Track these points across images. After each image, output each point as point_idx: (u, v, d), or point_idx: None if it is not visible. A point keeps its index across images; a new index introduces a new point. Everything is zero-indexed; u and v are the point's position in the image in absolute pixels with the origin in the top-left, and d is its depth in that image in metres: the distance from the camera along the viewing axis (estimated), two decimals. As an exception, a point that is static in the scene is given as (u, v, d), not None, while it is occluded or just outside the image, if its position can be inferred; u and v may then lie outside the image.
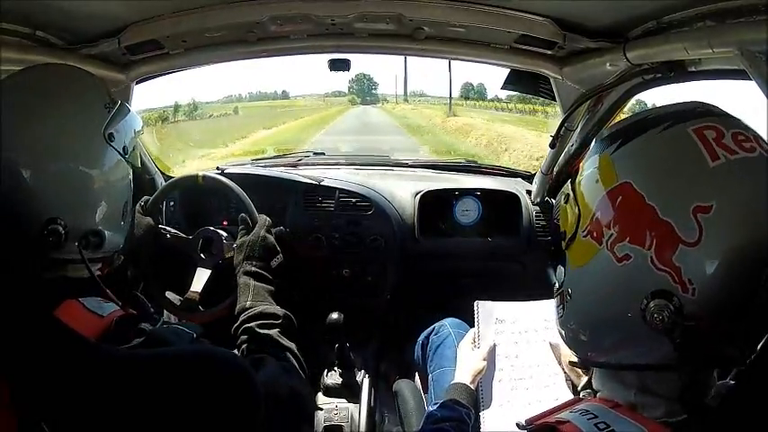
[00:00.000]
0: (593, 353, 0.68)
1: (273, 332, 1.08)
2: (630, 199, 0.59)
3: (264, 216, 1.36)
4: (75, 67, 0.97)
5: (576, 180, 0.69)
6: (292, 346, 1.08)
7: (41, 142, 0.79)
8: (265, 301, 1.16)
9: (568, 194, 0.69)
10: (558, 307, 0.72)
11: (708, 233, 0.55)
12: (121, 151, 0.89)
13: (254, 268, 1.22)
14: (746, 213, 0.55)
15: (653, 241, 0.57)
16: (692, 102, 0.65)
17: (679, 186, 0.57)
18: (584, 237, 0.64)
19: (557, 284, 0.72)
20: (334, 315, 1.39)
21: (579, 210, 0.66)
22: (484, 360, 1.13)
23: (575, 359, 0.74)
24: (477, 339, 1.18)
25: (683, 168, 0.58)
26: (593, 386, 0.72)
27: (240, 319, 1.12)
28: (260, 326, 1.09)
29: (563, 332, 0.72)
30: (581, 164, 0.69)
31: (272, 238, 1.30)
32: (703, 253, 0.55)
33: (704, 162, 0.57)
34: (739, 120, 0.62)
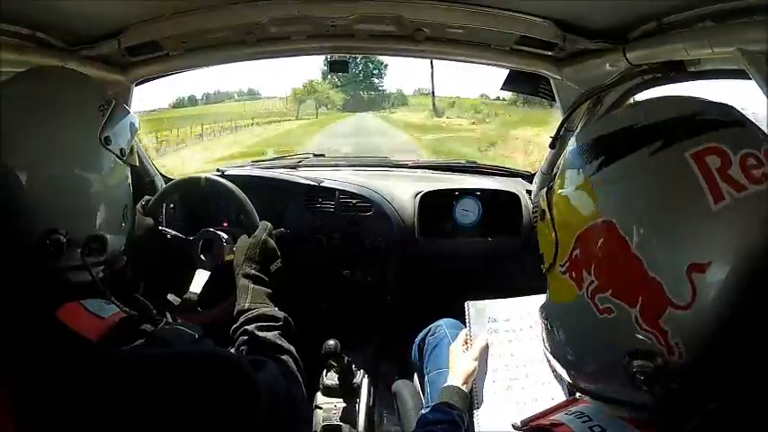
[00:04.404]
0: (576, 374, 0.64)
1: (273, 334, 1.07)
2: (613, 244, 0.51)
3: (266, 222, 1.36)
4: (67, 71, 0.95)
5: (553, 194, 0.61)
6: (291, 348, 1.07)
7: (37, 151, 0.78)
8: (264, 304, 1.16)
9: (544, 211, 0.62)
10: (541, 326, 0.69)
11: (701, 295, 0.48)
12: (119, 153, 0.88)
13: (252, 271, 1.22)
14: (748, 267, 0.47)
15: (638, 299, 0.50)
16: (692, 102, 0.56)
17: (672, 238, 0.49)
18: (563, 273, 0.58)
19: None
20: (331, 342, 1.37)
21: (556, 239, 0.59)
22: (475, 361, 1.12)
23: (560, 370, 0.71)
24: (469, 340, 1.17)
25: (679, 214, 0.49)
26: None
27: (239, 320, 1.12)
28: (259, 328, 1.08)
29: (549, 349, 0.68)
30: (558, 171, 0.62)
31: (272, 243, 1.30)
32: (694, 316, 0.48)
33: (705, 206, 0.48)
34: (748, 129, 0.53)
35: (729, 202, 0.48)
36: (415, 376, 1.46)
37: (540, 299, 1.14)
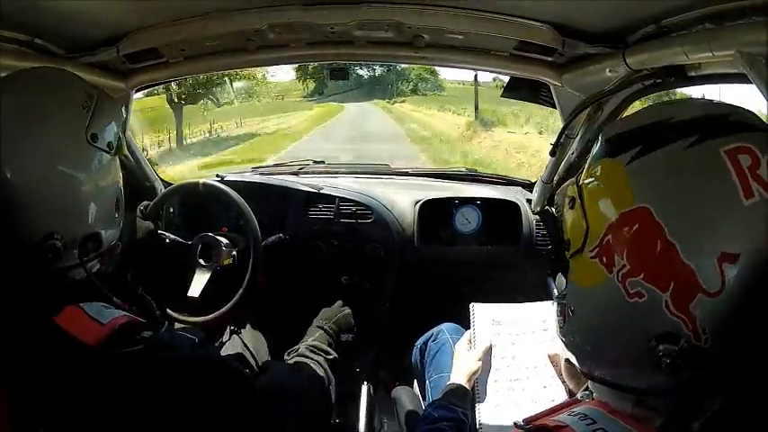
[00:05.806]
0: (592, 364, 0.65)
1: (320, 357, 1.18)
2: (649, 230, 0.53)
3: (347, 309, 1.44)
4: (48, 72, 0.93)
5: (583, 183, 0.62)
6: (326, 366, 1.18)
7: (26, 157, 0.77)
8: (323, 344, 1.25)
9: (574, 199, 0.63)
10: (558, 317, 0.69)
11: (731, 284, 0.50)
12: (107, 148, 0.86)
13: (326, 326, 1.32)
14: None
15: (670, 284, 0.52)
16: (720, 105, 0.58)
17: (707, 227, 0.51)
18: (592, 258, 0.59)
19: (555, 292, 0.71)
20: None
21: (587, 224, 0.60)
22: (479, 360, 1.13)
23: (574, 361, 0.71)
24: (473, 341, 1.18)
25: (714, 204, 0.51)
26: (591, 391, 0.69)
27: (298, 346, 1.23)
28: (309, 349, 1.20)
29: (564, 339, 0.69)
30: (588, 162, 0.63)
31: (350, 319, 1.41)
32: (723, 304, 0.51)
33: (737, 199, 0.51)
34: None
35: (758, 200, 0.51)
36: (415, 382, 1.45)
37: (545, 305, 1.13)
